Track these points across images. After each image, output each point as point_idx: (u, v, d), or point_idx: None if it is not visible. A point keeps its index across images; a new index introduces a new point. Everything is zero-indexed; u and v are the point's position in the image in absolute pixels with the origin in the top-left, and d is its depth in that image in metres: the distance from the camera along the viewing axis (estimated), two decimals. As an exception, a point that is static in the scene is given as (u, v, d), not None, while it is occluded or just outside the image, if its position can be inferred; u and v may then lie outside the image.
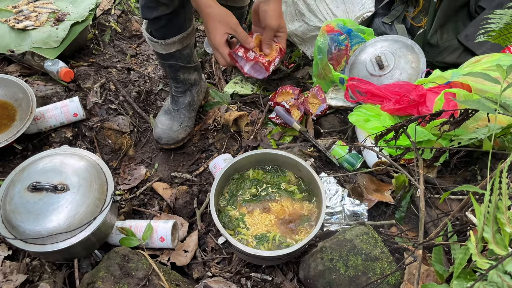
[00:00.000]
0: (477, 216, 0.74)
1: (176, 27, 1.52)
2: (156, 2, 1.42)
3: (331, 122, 1.91)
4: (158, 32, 1.53)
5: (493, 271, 0.67)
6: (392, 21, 2.06)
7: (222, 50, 1.29)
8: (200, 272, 1.42)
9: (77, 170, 1.32)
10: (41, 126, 1.72)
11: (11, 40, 1.93)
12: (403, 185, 1.57)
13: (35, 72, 1.98)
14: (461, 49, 1.91)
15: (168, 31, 1.52)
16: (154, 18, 1.47)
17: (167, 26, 1.51)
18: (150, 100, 2.02)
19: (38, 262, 1.37)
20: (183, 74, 1.70)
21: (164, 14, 1.45)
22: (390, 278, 1.21)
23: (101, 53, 2.21)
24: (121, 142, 1.79)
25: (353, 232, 1.33)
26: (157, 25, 1.51)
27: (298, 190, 1.42)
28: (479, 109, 1.03)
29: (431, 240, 1.11)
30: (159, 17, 1.46)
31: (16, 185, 1.28)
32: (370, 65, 1.87)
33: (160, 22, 1.49)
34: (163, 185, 1.68)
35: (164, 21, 1.48)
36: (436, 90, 1.61)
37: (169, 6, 1.43)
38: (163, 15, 1.45)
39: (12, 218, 1.23)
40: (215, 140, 1.83)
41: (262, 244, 1.30)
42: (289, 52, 2.32)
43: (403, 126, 1.27)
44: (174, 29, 1.53)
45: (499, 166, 0.81)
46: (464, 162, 1.66)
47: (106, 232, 1.39)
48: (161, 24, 1.50)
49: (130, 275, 1.25)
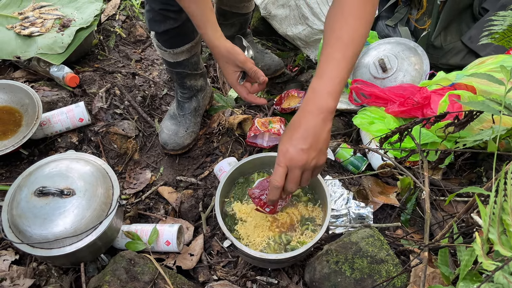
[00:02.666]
0: (482, 217, 0.73)
1: (184, 37, 1.53)
2: (163, 16, 1.42)
3: (336, 125, 1.91)
4: (166, 43, 1.54)
5: (499, 272, 0.67)
6: (396, 23, 2.06)
7: (237, 90, 1.24)
8: (206, 275, 1.42)
9: (83, 175, 1.33)
10: (47, 132, 1.73)
11: (17, 46, 1.94)
12: (408, 187, 1.57)
13: (41, 78, 2.00)
14: (465, 51, 1.91)
15: (176, 42, 1.53)
16: (162, 32, 1.47)
17: (175, 38, 1.51)
18: (155, 104, 2.03)
19: (45, 267, 1.38)
20: (190, 80, 1.71)
21: (172, 28, 1.45)
22: (396, 281, 1.21)
23: (106, 58, 2.22)
24: (127, 146, 1.80)
25: (358, 234, 1.33)
26: (164, 37, 1.52)
27: (303, 193, 1.42)
28: (483, 110, 1.02)
29: (437, 242, 1.11)
30: (167, 30, 1.46)
31: (22, 190, 1.28)
32: (373, 68, 1.87)
33: (168, 35, 1.49)
34: (169, 189, 1.69)
35: (172, 34, 1.48)
36: (441, 92, 1.61)
37: (177, 20, 1.43)
38: (171, 29, 1.45)
39: (19, 222, 1.24)
40: (220, 143, 1.84)
41: (267, 247, 1.30)
42: (293, 55, 2.33)
43: (407, 128, 1.27)
44: (182, 40, 1.53)
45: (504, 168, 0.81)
46: (469, 164, 1.66)
47: (112, 236, 1.39)
48: (169, 36, 1.50)
49: (136, 279, 1.26)
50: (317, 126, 0.95)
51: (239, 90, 1.25)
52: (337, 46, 0.97)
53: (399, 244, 1.40)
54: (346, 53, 0.96)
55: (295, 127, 0.97)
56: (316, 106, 0.96)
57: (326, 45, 0.99)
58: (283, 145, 0.97)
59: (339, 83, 0.96)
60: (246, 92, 1.25)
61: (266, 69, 2.11)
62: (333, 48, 0.97)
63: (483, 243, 0.72)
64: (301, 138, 0.95)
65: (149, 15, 1.45)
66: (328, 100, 0.95)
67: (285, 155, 0.97)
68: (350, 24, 0.96)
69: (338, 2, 0.99)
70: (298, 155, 0.95)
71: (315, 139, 0.95)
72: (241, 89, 1.25)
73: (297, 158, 0.95)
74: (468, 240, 1.09)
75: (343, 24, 0.97)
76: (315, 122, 0.95)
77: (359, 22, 0.97)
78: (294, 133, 0.97)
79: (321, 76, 0.97)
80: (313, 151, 0.96)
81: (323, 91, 0.96)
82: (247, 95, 1.25)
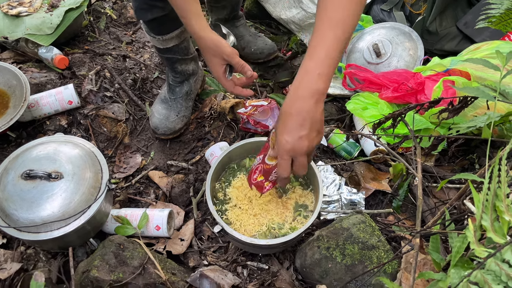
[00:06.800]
0: (475, 204, 0.73)
1: (172, 24, 1.50)
2: (150, 5, 1.39)
3: (329, 110, 1.90)
4: (154, 30, 1.51)
5: (491, 259, 0.66)
6: (391, 8, 2.04)
7: (223, 83, 1.23)
8: (196, 260, 1.41)
9: (71, 158, 1.30)
10: (35, 114, 1.70)
11: (5, 26, 1.90)
12: (400, 173, 1.57)
13: (29, 59, 1.96)
14: (460, 36, 1.90)
15: (165, 29, 1.50)
16: (149, 20, 1.45)
17: (163, 25, 1.49)
18: (146, 87, 2.00)
19: (33, 251, 1.36)
20: (181, 65, 1.68)
21: (159, 16, 1.43)
22: (387, 267, 1.21)
23: (96, 40, 2.18)
24: (117, 130, 1.77)
25: (350, 220, 1.32)
26: (152, 24, 1.49)
27: (294, 178, 1.41)
28: (478, 96, 1.01)
29: (429, 228, 1.10)
30: (154, 18, 1.43)
31: (9, 173, 1.26)
32: (367, 53, 1.85)
33: (155, 22, 1.47)
34: (159, 173, 1.67)
35: (159, 21, 1.46)
36: (435, 78, 1.59)
37: (164, 8, 1.40)
38: (158, 17, 1.43)
39: (5, 206, 1.22)
40: (212, 128, 1.82)
41: (258, 232, 1.29)
42: (286, 39, 2.30)
43: (401, 114, 1.26)
44: (171, 26, 1.50)
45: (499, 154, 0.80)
46: (462, 151, 1.65)
47: (101, 221, 1.38)
48: (157, 23, 1.48)
49: (125, 263, 1.24)
50: (310, 111, 0.94)
51: (225, 84, 1.23)
52: (329, 26, 0.94)
53: (391, 230, 1.40)
54: (337, 33, 0.94)
55: (288, 115, 0.96)
56: (307, 89, 0.94)
57: (318, 25, 0.97)
58: (281, 137, 0.97)
59: (330, 64, 0.94)
60: (232, 85, 1.24)
61: (259, 53, 2.09)
62: (324, 28, 0.95)
63: (476, 229, 0.72)
64: (297, 125, 0.94)
65: (135, 3, 1.43)
66: (319, 82, 0.94)
67: (285, 147, 0.97)
68: (343, 4, 0.94)
69: None
70: (299, 143, 0.95)
71: (311, 123, 0.95)
72: (227, 83, 1.23)
73: (299, 146, 0.96)
74: (460, 226, 1.09)
75: (336, 4, 0.94)
76: (308, 106, 0.94)
77: (352, 2, 0.94)
78: (289, 122, 0.95)
79: (312, 56, 0.95)
80: (312, 133, 0.96)
81: (314, 72, 0.94)
82: (234, 88, 1.24)
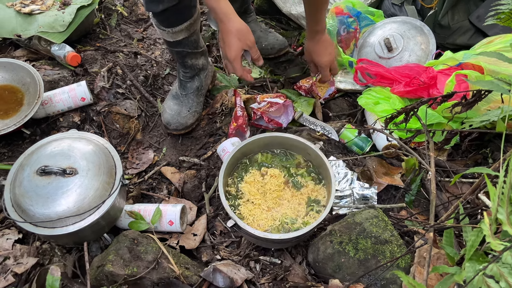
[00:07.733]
0: (491, 197, 0.72)
1: (182, 15, 1.50)
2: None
3: (340, 106, 1.89)
4: (164, 22, 1.51)
5: (507, 252, 0.66)
6: (402, 2, 2.02)
7: (237, 65, 1.38)
8: (209, 255, 1.42)
9: (86, 154, 1.32)
10: (49, 111, 1.72)
11: (18, 24, 1.92)
12: (413, 168, 1.56)
13: (42, 57, 1.98)
14: (472, 30, 1.88)
15: (174, 21, 1.51)
16: (159, 12, 1.45)
17: (173, 17, 1.49)
18: (157, 84, 2.01)
19: (48, 246, 1.38)
20: (191, 59, 1.69)
21: (170, 6, 1.42)
22: (400, 261, 1.21)
23: (107, 37, 2.19)
24: (129, 126, 1.79)
25: (362, 215, 1.32)
26: (162, 16, 1.49)
27: (307, 173, 1.41)
28: (492, 89, 1.01)
29: (442, 222, 1.10)
30: (165, 9, 1.43)
31: (25, 169, 1.28)
32: (378, 48, 1.84)
33: (166, 14, 1.47)
34: (171, 169, 1.68)
35: (170, 12, 1.46)
36: (447, 72, 1.58)
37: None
38: (170, 7, 1.43)
39: (21, 201, 1.24)
40: (223, 124, 1.82)
41: (271, 227, 1.30)
42: (297, 35, 2.30)
43: (413, 109, 1.25)
44: (180, 18, 1.51)
45: (514, 147, 0.80)
46: (475, 145, 1.64)
47: (115, 216, 1.39)
48: (167, 15, 1.48)
49: (139, 258, 1.26)
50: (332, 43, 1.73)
51: (237, 66, 1.39)
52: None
53: (403, 225, 1.40)
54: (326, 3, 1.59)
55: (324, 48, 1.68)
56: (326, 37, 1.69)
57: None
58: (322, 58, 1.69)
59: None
60: (242, 69, 1.41)
61: (270, 48, 2.08)
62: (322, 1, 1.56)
63: (491, 223, 0.71)
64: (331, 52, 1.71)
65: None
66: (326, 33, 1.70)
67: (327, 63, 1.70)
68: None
69: None
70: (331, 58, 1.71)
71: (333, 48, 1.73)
72: (240, 66, 1.39)
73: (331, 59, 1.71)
74: (474, 221, 1.08)
75: None
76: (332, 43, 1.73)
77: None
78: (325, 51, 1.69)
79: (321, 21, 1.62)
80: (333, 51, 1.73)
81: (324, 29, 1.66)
82: (243, 72, 1.42)
